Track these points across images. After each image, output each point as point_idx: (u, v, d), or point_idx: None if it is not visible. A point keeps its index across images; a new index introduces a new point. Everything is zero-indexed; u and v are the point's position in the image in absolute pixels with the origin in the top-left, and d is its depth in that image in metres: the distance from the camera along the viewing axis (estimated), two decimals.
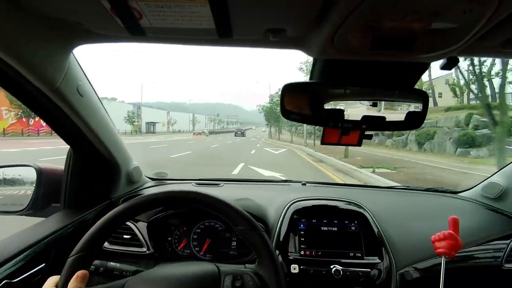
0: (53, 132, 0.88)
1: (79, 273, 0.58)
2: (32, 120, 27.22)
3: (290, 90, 0.70)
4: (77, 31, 0.62)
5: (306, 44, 0.60)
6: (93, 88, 0.87)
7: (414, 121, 0.71)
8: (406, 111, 0.75)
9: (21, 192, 1.02)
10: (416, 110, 0.74)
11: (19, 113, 25.49)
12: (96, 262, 0.82)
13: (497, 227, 1.08)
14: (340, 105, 0.77)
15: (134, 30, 0.55)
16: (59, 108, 0.77)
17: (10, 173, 1.06)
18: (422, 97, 0.69)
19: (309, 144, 18.76)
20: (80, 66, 0.80)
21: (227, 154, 14.60)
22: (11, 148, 13.13)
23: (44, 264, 0.79)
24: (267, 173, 7.56)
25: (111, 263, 0.85)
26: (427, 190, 1.38)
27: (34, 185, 0.98)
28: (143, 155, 11.61)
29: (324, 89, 0.74)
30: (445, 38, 0.51)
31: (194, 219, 1.07)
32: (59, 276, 0.59)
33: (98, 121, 0.91)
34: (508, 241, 1.02)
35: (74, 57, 0.75)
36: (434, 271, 0.96)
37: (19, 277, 0.72)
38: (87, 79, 0.84)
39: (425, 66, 0.67)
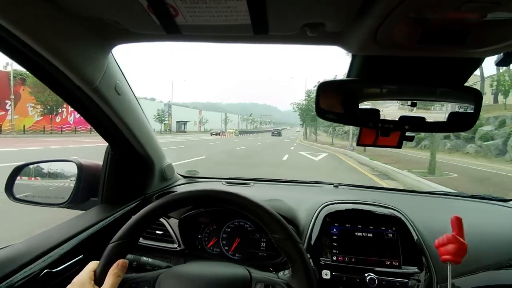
0: (77, 129, 0.92)
1: (120, 261, 0.61)
2: (59, 117, 26.84)
3: (326, 89, 0.67)
4: (116, 30, 0.63)
5: (346, 39, 0.57)
6: (130, 87, 0.90)
7: (463, 122, 0.65)
8: (452, 111, 0.69)
9: (64, 185, 1.08)
10: (465, 110, 0.68)
11: (44, 110, 24.90)
12: (130, 256, 0.84)
13: None
14: (378, 104, 0.73)
15: (170, 28, 0.55)
16: (97, 106, 0.80)
17: (54, 167, 1.13)
18: (474, 95, 0.63)
19: (356, 148, 14.41)
20: (118, 66, 0.82)
21: (251, 160, 11.79)
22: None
23: (82, 256, 0.83)
24: None
25: (144, 258, 0.87)
26: (472, 196, 1.27)
27: (75, 179, 1.04)
28: None
29: (362, 87, 0.70)
30: (502, 30, 0.46)
31: (224, 218, 1.08)
32: (98, 262, 0.61)
33: (134, 119, 0.93)
34: None
35: (113, 56, 0.78)
36: (481, 286, 0.88)
37: (59, 267, 0.75)
38: (125, 78, 0.86)
39: (478, 62, 0.61)
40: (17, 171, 1.05)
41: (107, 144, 1.02)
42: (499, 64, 0.57)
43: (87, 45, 0.66)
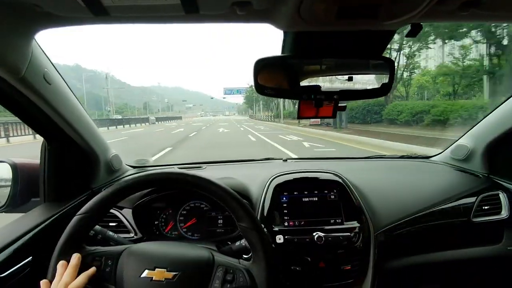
0: None
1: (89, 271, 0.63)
2: None
3: (262, 65, 0.71)
4: (37, 14, 0.59)
5: (273, 16, 0.60)
6: (61, 76, 0.84)
7: (381, 89, 0.74)
8: (375, 80, 0.78)
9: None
10: (384, 78, 0.77)
11: None
12: (96, 227, 0.83)
13: (466, 185, 1.17)
14: (314, 80, 0.79)
15: (97, 10, 0.53)
16: (26, 97, 0.74)
17: None
18: (389, 64, 0.72)
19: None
20: (45, 53, 0.76)
21: None
22: None
23: (31, 257, 0.79)
24: None
25: (110, 232, 0.86)
26: (401, 157, 1.45)
27: (11, 181, 0.96)
28: None
29: (296, 63, 0.75)
30: (406, 3, 0.53)
31: (179, 201, 1.09)
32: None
33: (70, 109, 0.88)
34: (475, 198, 1.11)
35: (37, 43, 0.72)
36: (409, 230, 1.04)
37: (6, 271, 0.72)
38: (54, 66, 0.81)
39: (391, 34, 0.69)
40: None
41: (43, 139, 0.95)
42: (408, 35, 0.66)
43: (6, 32, 0.61)
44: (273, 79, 0.74)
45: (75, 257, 0.63)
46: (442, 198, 1.09)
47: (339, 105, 0.78)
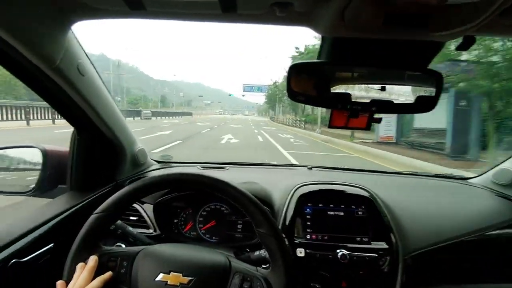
0: None
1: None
2: None
3: (297, 71, 0.67)
4: (75, 5, 0.59)
5: (314, 20, 0.57)
6: (95, 68, 0.85)
7: (426, 103, 0.68)
8: (417, 94, 0.72)
9: (30, 173, 1.03)
10: (427, 93, 0.71)
11: None
12: (118, 222, 0.83)
13: (510, 214, 1.06)
14: (348, 88, 0.74)
15: (133, 4, 0.53)
16: (60, 87, 0.75)
17: (15, 154, 1.07)
18: (436, 78, 0.65)
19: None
20: (80, 44, 0.78)
21: None
22: None
23: (52, 244, 0.81)
24: None
25: (130, 228, 0.86)
26: (436, 176, 1.36)
27: (40, 166, 0.99)
28: None
29: (332, 70, 0.71)
30: (462, 14, 0.48)
31: (199, 202, 1.08)
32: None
33: (101, 102, 0.89)
34: None
35: (74, 34, 0.73)
36: (441, 257, 0.95)
37: (27, 256, 0.73)
38: (88, 58, 0.82)
39: (440, 46, 0.63)
40: None
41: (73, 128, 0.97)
42: (459, 48, 0.60)
43: (44, 21, 0.62)
44: (307, 85, 0.71)
45: (92, 260, 0.62)
46: (481, 225, 0.99)
47: (375, 117, 0.73)
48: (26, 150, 1.03)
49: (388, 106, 0.69)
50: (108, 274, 0.62)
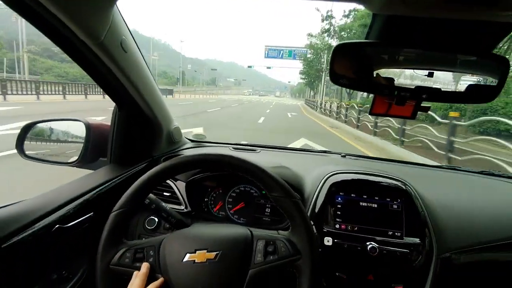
0: None
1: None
2: None
3: (342, 52, 0.63)
4: None
5: None
6: (137, 45, 0.87)
7: (485, 94, 0.62)
8: (474, 82, 0.65)
9: (74, 145, 1.09)
10: (485, 82, 0.64)
11: None
12: (151, 196, 0.86)
13: None
14: (394, 72, 0.69)
15: None
16: (103, 63, 0.77)
17: (62, 126, 1.13)
18: (501, 64, 0.59)
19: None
20: (124, 21, 0.79)
21: None
22: None
23: (92, 213, 0.85)
24: None
25: (163, 203, 0.89)
26: (481, 172, 1.26)
27: (84, 139, 1.04)
28: None
29: (381, 52, 0.66)
30: None
31: (230, 183, 1.09)
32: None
33: (141, 79, 0.91)
34: None
35: (118, 10, 0.74)
36: (480, 260, 0.89)
37: (70, 223, 0.78)
38: (131, 35, 0.83)
39: (509, 28, 0.56)
40: (27, 129, 1.06)
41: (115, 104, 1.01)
42: None
43: None
44: (351, 68, 0.67)
45: (144, 267, 0.63)
46: None
47: (422, 105, 0.68)
48: (71, 123, 1.09)
49: (441, 94, 0.63)
50: (160, 280, 0.62)
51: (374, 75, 0.67)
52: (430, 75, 0.66)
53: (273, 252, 0.65)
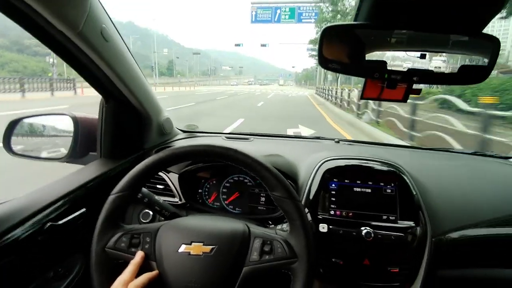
0: None
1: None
2: None
3: (330, 34, 0.61)
4: None
5: None
6: (119, 34, 0.83)
7: (476, 74, 0.61)
8: (464, 63, 0.64)
9: (62, 140, 1.07)
10: (477, 63, 0.63)
11: None
12: (144, 190, 0.85)
13: None
14: (385, 55, 0.68)
15: None
16: (84, 54, 0.75)
17: (48, 121, 1.10)
18: (492, 44, 0.57)
19: None
20: (104, 8, 0.75)
21: None
22: None
23: (85, 209, 0.84)
24: None
25: (156, 197, 0.88)
26: (474, 153, 1.26)
27: (72, 133, 1.02)
28: None
29: (370, 34, 0.64)
30: None
31: (223, 173, 1.08)
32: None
33: (126, 70, 0.88)
34: None
35: None
36: (474, 240, 0.90)
37: (62, 219, 0.77)
38: (112, 23, 0.80)
39: (499, 5, 0.54)
40: (13, 125, 1.03)
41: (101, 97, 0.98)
42: None
43: None
44: (341, 51, 0.65)
45: (139, 255, 0.63)
46: None
47: (414, 87, 0.67)
48: (58, 118, 1.07)
49: (430, 77, 0.62)
50: (155, 272, 0.62)
51: (366, 59, 0.65)
52: (423, 56, 0.65)
53: (270, 252, 0.64)
